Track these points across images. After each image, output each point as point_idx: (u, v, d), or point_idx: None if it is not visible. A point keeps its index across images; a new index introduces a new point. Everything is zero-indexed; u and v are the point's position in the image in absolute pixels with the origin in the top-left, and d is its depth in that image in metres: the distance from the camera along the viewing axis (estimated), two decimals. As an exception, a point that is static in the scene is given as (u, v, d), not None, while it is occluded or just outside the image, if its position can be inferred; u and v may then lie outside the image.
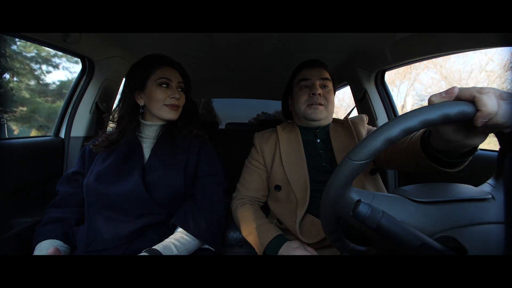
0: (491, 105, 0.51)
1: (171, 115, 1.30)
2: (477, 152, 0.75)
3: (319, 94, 1.38)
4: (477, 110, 0.53)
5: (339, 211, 0.61)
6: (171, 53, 1.41)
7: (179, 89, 1.35)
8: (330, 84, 1.45)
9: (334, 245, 0.74)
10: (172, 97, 1.29)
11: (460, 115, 0.53)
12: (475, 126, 0.55)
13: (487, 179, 0.63)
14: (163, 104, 1.28)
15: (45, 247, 1.09)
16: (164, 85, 1.29)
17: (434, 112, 0.52)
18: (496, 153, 0.61)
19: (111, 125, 1.35)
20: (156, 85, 1.28)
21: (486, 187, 0.60)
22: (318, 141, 1.43)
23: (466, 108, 0.53)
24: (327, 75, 1.46)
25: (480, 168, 0.81)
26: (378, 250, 0.72)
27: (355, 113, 2.35)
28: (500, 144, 0.60)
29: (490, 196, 0.57)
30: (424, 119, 0.52)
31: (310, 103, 1.40)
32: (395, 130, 0.53)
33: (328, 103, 1.42)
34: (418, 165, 0.93)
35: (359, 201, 0.53)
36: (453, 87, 0.56)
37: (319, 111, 1.40)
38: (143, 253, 1.02)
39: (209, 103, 4.24)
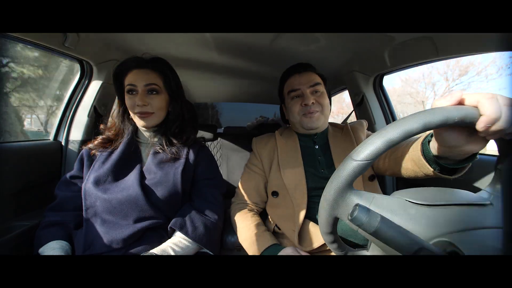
0: (495, 110, 0.52)
1: (141, 122, 1.26)
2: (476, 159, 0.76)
3: (312, 103, 1.37)
4: (480, 115, 0.54)
5: (338, 212, 0.62)
6: (169, 57, 1.41)
7: (153, 92, 1.25)
8: (321, 88, 1.42)
9: (331, 247, 0.74)
10: (137, 105, 1.21)
11: (463, 119, 0.54)
12: (476, 132, 0.56)
13: (483, 184, 0.64)
14: (134, 113, 1.25)
15: (52, 247, 1.08)
16: (133, 92, 1.24)
17: (437, 116, 0.53)
18: (490, 158, 0.61)
19: (107, 133, 1.35)
20: (126, 93, 1.25)
21: (484, 194, 0.60)
22: (317, 147, 1.43)
23: (470, 113, 0.54)
24: (317, 79, 1.43)
25: (477, 174, 0.82)
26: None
27: (353, 117, 2.36)
28: (499, 151, 0.60)
29: (489, 202, 0.57)
30: (426, 122, 0.53)
31: (304, 112, 1.39)
32: (398, 132, 0.54)
33: (323, 108, 1.40)
34: (417, 171, 0.94)
35: (357, 205, 0.54)
36: (458, 91, 0.57)
37: (315, 118, 1.38)
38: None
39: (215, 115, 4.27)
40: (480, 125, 0.54)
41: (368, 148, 0.56)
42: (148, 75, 1.25)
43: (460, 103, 0.57)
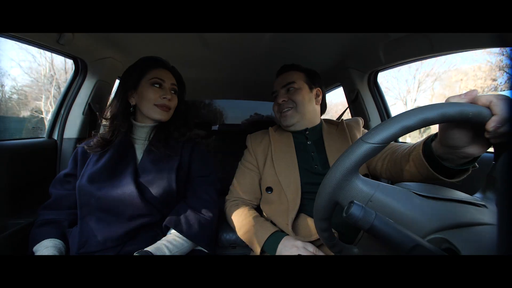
0: (507, 111, 0.53)
1: (161, 116, 1.29)
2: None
3: (283, 101, 1.44)
4: (492, 114, 0.55)
5: (340, 196, 0.61)
6: (164, 54, 1.41)
7: (172, 91, 1.34)
8: (296, 85, 1.46)
9: (321, 236, 0.73)
10: (164, 97, 1.28)
11: (477, 115, 0.55)
12: (481, 134, 0.59)
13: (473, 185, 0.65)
14: (153, 104, 1.28)
15: (46, 245, 1.09)
16: (157, 85, 1.29)
17: (454, 108, 0.54)
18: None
19: (104, 123, 1.37)
20: (149, 84, 1.29)
21: (476, 199, 0.61)
22: (309, 143, 1.44)
23: (483, 111, 0.55)
24: (293, 77, 1.48)
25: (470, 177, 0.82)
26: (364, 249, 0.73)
27: (347, 113, 2.37)
28: (495, 158, 0.62)
29: (484, 204, 0.58)
30: (443, 113, 0.54)
31: (279, 111, 1.47)
32: (415, 119, 0.54)
33: (297, 105, 1.43)
34: (415, 173, 0.93)
35: (352, 202, 0.54)
36: (473, 90, 0.59)
37: (288, 116, 1.44)
38: (135, 255, 1.02)
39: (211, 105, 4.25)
40: (490, 124, 0.55)
41: (383, 131, 0.56)
42: (171, 76, 1.37)
43: (474, 102, 0.58)
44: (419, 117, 0.54)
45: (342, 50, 1.88)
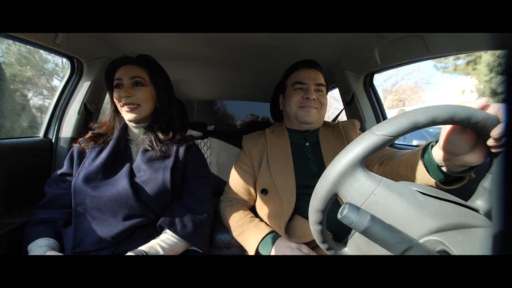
0: None
1: (128, 116, 1.28)
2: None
3: (314, 99, 1.39)
4: (499, 122, 0.57)
5: (340, 188, 0.60)
6: (160, 54, 1.41)
7: (137, 84, 1.28)
8: (324, 89, 1.45)
9: (314, 229, 0.71)
10: (122, 97, 1.25)
11: (485, 121, 0.56)
12: (483, 142, 0.61)
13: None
14: (121, 106, 1.28)
15: (39, 244, 1.09)
16: (120, 86, 1.28)
17: (464, 111, 0.55)
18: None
19: (94, 126, 1.38)
20: (114, 88, 1.30)
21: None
22: (307, 144, 1.43)
23: (492, 118, 0.56)
24: (322, 80, 1.46)
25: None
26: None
27: (343, 115, 2.37)
28: (490, 168, 0.63)
29: (478, 210, 0.59)
30: (454, 114, 0.55)
31: (302, 105, 1.41)
32: (425, 116, 0.55)
33: (321, 107, 1.42)
34: (412, 179, 0.91)
35: (347, 203, 0.53)
36: (482, 98, 0.60)
37: (312, 113, 1.40)
38: (129, 254, 1.03)
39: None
40: (497, 131, 0.56)
41: (393, 124, 0.56)
42: (134, 69, 1.29)
43: (482, 109, 0.59)
44: (429, 115, 0.55)
45: (338, 51, 1.88)
